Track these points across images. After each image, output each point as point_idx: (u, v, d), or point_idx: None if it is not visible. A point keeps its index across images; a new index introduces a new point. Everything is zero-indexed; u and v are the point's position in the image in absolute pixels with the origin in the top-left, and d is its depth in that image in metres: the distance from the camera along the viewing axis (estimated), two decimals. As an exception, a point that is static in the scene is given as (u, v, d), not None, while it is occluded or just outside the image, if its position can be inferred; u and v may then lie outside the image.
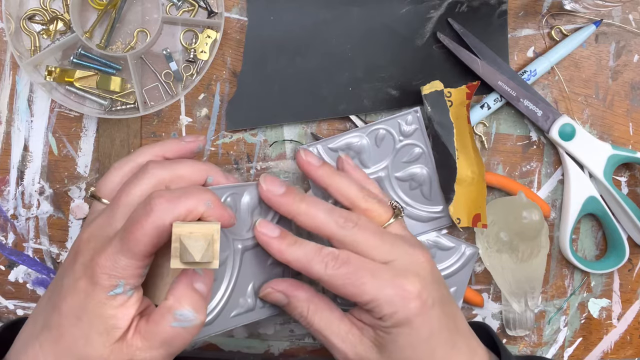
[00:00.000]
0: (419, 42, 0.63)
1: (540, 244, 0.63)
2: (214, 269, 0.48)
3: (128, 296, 0.43)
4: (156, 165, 0.47)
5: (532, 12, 0.64)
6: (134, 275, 0.43)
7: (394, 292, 0.47)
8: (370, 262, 0.48)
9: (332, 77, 0.62)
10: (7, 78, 0.61)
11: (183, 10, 0.60)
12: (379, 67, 0.63)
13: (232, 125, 0.62)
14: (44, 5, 0.59)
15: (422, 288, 0.48)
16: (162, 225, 0.42)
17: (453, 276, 0.63)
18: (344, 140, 0.62)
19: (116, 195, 0.47)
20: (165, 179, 0.47)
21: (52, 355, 0.43)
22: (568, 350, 0.67)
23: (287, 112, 0.62)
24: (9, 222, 0.62)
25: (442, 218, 0.63)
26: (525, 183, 0.65)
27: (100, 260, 0.42)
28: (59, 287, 0.44)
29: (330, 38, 0.62)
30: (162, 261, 0.47)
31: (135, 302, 0.43)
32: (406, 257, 0.49)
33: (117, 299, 0.42)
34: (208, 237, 0.42)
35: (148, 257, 0.43)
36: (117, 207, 0.46)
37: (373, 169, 0.62)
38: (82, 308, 0.42)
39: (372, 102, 0.63)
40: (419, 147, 0.63)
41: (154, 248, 0.43)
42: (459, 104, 0.61)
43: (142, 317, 0.44)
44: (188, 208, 0.43)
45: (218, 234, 0.42)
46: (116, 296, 0.42)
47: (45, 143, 0.61)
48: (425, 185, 0.63)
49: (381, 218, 0.52)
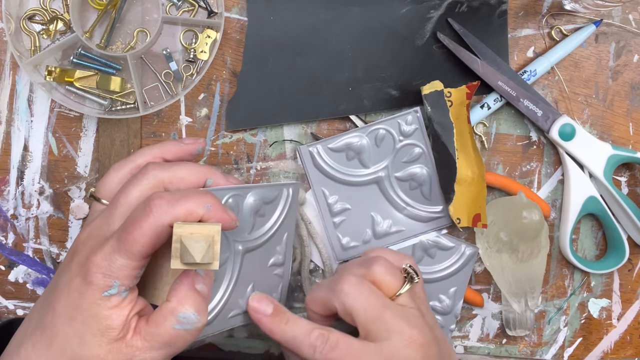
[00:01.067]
0: (419, 42, 0.63)
1: (540, 244, 0.63)
2: (214, 270, 0.48)
3: (122, 297, 0.43)
4: (155, 167, 0.47)
5: (532, 12, 0.64)
6: (129, 276, 0.42)
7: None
8: (358, 346, 0.48)
9: (332, 77, 0.62)
10: (7, 78, 0.61)
11: (183, 10, 0.60)
12: (379, 67, 0.63)
13: (232, 126, 0.62)
14: (44, 5, 0.59)
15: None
16: (161, 226, 0.42)
17: (453, 276, 0.63)
18: (344, 140, 0.62)
19: (115, 196, 0.47)
20: (165, 180, 0.47)
21: (45, 356, 0.42)
22: (568, 350, 0.67)
23: (287, 112, 0.62)
24: (9, 222, 0.62)
25: (442, 218, 0.63)
26: (525, 183, 0.65)
27: (96, 259, 0.42)
28: (55, 286, 0.44)
29: (330, 38, 0.62)
30: (161, 261, 0.47)
31: (130, 303, 0.43)
32: (399, 341, 0.48)
33: (112, 300, 0.42)
34: (209, 239, 0.42)
35: (144, 258, 0.43)
36: (116, 208, 0.46)
37: (373, 168, 0.62)
38: (76, 307, 0.42)
39: (372, 102, 0.63)
40: (419, 147, 0.63)
41: (151, 249, 0.42)
42: (459, 104, 0.61)
43: (141, 318, 0.44)
44: (187, 210, 0.42)
45: (219, 235, 0.42)
46: (110, 297, 0.42)
47: (45, 143, 0.61)
48: (425, 185, 0.63)
49: (390, 288, 0.51)
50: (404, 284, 0.51)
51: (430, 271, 0.63)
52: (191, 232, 0.41)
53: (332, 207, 0.62)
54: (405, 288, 0.51)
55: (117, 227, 0.44)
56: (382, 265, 0.51)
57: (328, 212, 0.62)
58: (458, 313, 0.64)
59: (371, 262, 0.52)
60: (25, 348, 0.43)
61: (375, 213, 0.62)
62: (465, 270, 0.63)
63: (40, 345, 0.43)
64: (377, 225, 0.62)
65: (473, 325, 0.66)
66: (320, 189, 0.62)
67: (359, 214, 0.62)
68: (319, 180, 0.62)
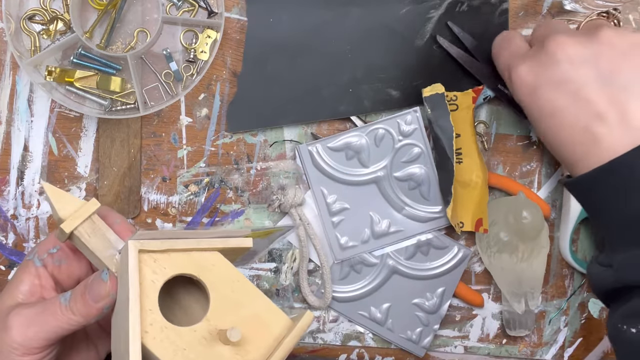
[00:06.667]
0: (419, 43, 0.63)
1: (540, 244, 0.63)
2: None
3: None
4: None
5: (532, 12, 0.64)
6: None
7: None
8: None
9: (332, 78, 0.62)
10: (7, 78, 0.61)
11: (183, 10, 0.60)
12: (379, 67, 0.62)
13: (233, 128, 0.62)
14: (44, 5, 0.59)
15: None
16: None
17: (443, 276, 0.63)
18: (344, 140, 0.62)
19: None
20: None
21: None
22: (568, 351, 0.67)
23: (288, 114, 0.62)
24: (9, 222, 0.62)
25: (440, 218, 0.63)
26: (525, 183, 0.65)
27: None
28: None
29: (330, 39, 0.62)
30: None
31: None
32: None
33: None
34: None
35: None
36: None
37: (372, 168, 0.62)
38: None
39: (372, 103, 0.62)
40: (418, 147, 0.63)
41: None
42: (465, 107, 0.61)
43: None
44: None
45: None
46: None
47: (45, 143, 0.61)
48: (424, 185, 0.63)
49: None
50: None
51: (421, 268, 0.63)
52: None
53: (331, 207, 0.62)
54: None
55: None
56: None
57: (327, 212, 0.62)
58: (444, 314, 0.64)
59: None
60: None
61: (374, 213, 0.62)
62: (455, 272, 0.63)
63: None
64: (376, 225, 0.62)
65: (473, 325, 0.66)
66: (319, 188, 0.62)
67: (358, 213, 0.62)
68: (318, 180, 0.62)
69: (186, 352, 0.42)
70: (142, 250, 0.43)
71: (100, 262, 0.46)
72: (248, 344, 0.44)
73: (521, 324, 0.64)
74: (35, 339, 0.44)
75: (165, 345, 0.42)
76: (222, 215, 0.63)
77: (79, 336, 0.50)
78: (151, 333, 0.42)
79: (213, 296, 0.45)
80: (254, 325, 0.45)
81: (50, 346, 0.45)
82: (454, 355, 0.66)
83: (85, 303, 0.44)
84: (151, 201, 0.62)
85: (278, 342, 0.45)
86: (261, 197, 0.63)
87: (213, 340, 0.44)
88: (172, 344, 0.42)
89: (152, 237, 0.44)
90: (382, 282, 0.63)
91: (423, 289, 0.63)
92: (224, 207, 0.63)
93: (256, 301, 0.46)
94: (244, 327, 0.44)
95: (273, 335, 0.45)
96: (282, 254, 0.63)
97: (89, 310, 0.44)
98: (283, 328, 0.46)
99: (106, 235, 0.46)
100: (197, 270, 0.45)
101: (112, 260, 0.46)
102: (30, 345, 0.44)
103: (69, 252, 0.49)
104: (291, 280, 0.64)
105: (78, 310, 0.44)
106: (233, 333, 0.42)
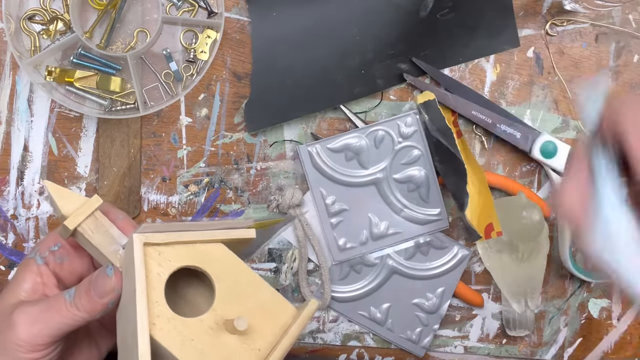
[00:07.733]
0: (423, 13, 0.62)
1: (540, 244, 0.63)
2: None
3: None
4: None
5: (532, 12, 0.64)
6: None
7: None
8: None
9: (343, 63, 0.62)
10: (7, 78, 0.61)
11: (183, 10, 0.60)
12: (387, 44, 0.62)
13: (253, 127, 0.62)
14: (44, 5, 0.59)
15: None
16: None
17: (443, 276, 0.63)
18: (343, 141, 0.62)
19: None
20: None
21: None
22: (568, 351, 0.67)
23: (304, 105, 0.62)
24: (9, 222, 0.62)
25: (439, 221, 0.63)
26: (525, 183, 0.65)
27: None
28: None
29: (336, 24, 0.62)
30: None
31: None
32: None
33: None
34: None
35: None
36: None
37: (371, 170, 0.62)
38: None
39: (385, 80, 0.62)
40: (418, 149, 0.63)
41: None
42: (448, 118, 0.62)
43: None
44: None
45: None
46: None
47: (45, 143, 0.61)
48: (423, 187, 0.63)
49: None
50: None
51: (421, 268, 0.63)
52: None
53: (330, 208, 0.62)
54: None
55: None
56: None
57: (325, 213, 0.62)
58: (443, 314, 0.64)
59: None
60: None
61: (372, 214, 0.62)
62: (455, 272, 0.63)
63: None
64: (374, 227, 0.62)
65: (473, 325, 0.66)
66: (319, 189, 0.62)
67: (357, 215, 0.62)
68: (318, 180, 0.62)
69: (194, 342, 0.43)
70: (147, 243, 0.43)
71: (104, 257, 0.46)
72: (254, 332, 0.45)
73: (521, 324, 0.64)
74: (40, 335, 0.44)
75: (173, 336, 0.42)
76: (222, 215, 0.63)
77: (81, 334, 0.50)
78: (159, 325, 0.42)
79: (218, 287, 0.45)
80: (259, 314, 0.45)
81: (54, 343, 0.45)
82: (453, 355, 0.66)
83: (90, 299, 0.44)
84: (151, 201, 0.62)
85: (284, 331, 0.45)
86: (261, 197, 0.63)
87: (220, 330, 0.44)
88: (179, 335, 0.43)
89: (156, 230, 0.44)
90: (382, 282, 0.63)
91: (423, 289, 0.64)
92: (223, 207, 0.63)
93: (261, 291, 0.47)
94: (250, 316, 0.44)
95: (279, 324, 0.46)
96: (282, 254, 0.63)
97: (94, 306, 0.44)
98: (289, 317, 0.46)
99: (109, 231, 0.47)
100: (202, 262, 0.45)
101: (115, 255, 0.46)
102: (36, 342, 0.44)
103: (71, 249, 0.49)
104: (291, 281, 0.64)
105: (83, 307, 0.44)
106: (240, 322, 0.42)
